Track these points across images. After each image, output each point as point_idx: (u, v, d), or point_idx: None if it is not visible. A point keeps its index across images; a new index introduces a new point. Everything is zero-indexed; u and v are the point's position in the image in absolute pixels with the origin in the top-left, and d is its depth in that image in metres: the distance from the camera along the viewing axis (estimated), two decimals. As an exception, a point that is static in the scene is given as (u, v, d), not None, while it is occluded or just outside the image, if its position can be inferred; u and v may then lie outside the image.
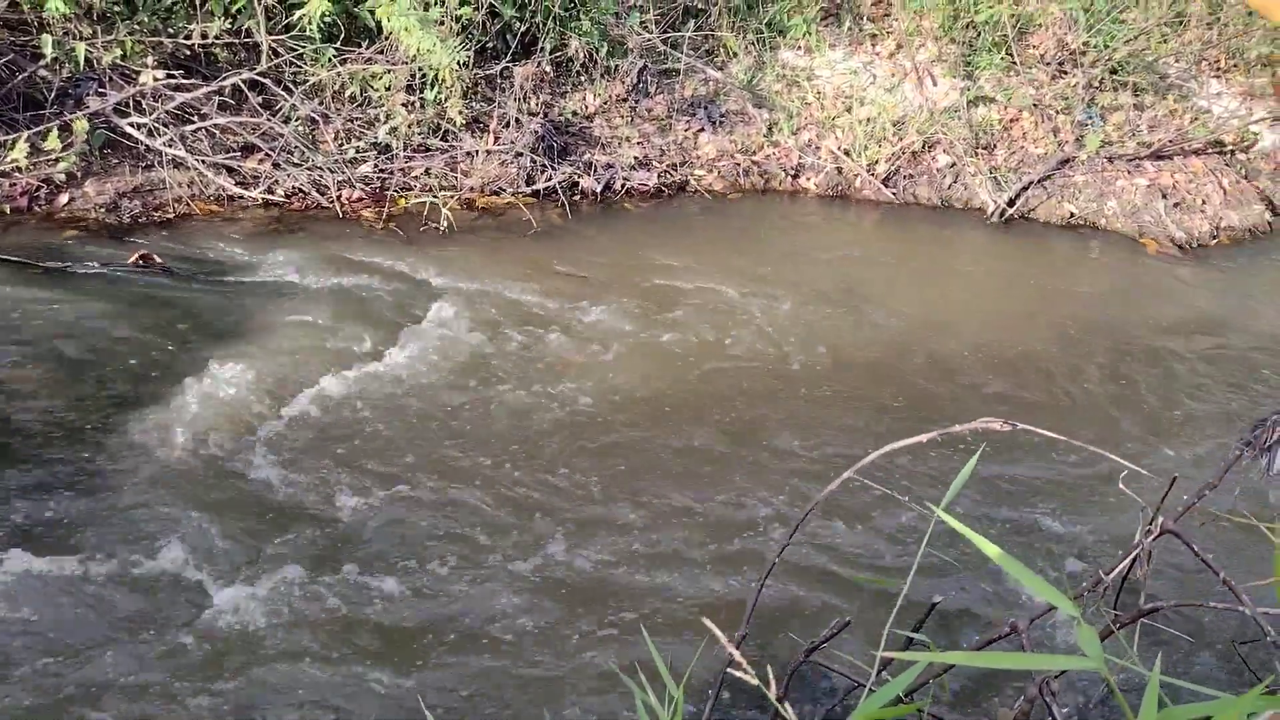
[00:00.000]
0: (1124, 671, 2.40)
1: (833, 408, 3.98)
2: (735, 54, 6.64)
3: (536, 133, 5.79)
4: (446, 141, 5.72)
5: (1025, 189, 6.26)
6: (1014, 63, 6.64)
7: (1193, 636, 2.70)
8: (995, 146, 6.49)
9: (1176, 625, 2.68)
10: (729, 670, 1.28)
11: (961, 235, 5.98)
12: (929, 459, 3.51)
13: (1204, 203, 6.42)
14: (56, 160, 4.82)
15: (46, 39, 4.76)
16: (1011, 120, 6.58)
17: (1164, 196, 6.37)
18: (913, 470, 3.51)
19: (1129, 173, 6.49)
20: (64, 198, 4.96)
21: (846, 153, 6.38)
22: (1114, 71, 6.77)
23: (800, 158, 6.40)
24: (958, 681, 2.63)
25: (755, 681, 1.17)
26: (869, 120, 6.40)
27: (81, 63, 4.93)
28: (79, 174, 5.02)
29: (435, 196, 5.35)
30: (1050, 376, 4.38)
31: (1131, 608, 1.75)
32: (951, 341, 4.59)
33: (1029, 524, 3.29)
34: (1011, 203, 6.19)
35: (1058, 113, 6.61)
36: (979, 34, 6.66)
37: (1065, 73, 6.71)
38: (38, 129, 4.81)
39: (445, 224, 5.24)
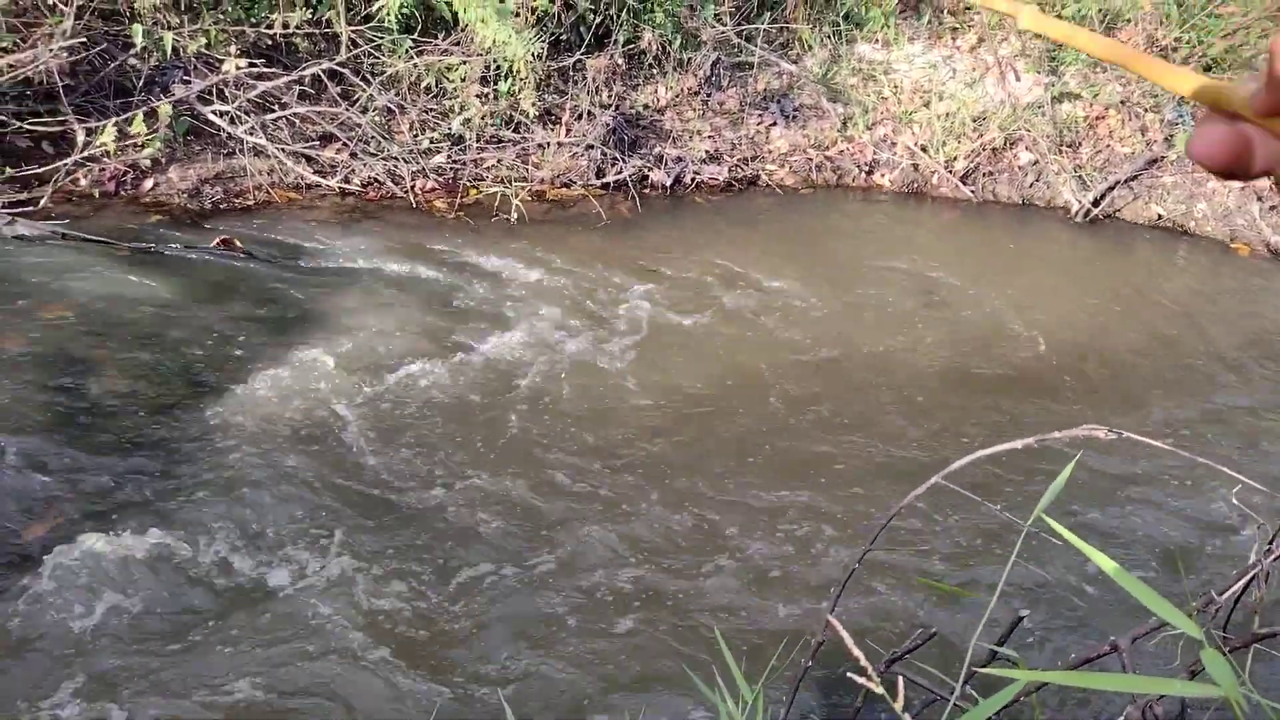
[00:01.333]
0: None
1: (914, 411, 3.87)
2: (810, 47, 6.53)
3: (608, 125, 5.77)
4: (518, 133, 5.74)
5: (1111, 189, 6.03)
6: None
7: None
8: (1080, 144, 6.27)
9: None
10: (851, 675, 1.23)
11: (1043, 235, 5.79)
12: (1016, 466, 3.39)
13: (1303, 206, 6.12)
14: (142, 146, 4.95)
15: (137, 28, 4.89)
16: (1097, 118, 6.35)
17: (1259, 199, 6.08)
18: (999, 478, 3.40)
19: (1222, 174, 6.20)
20: (149, 183, 5.09)
21: (923, 149, 6.22)
22: (1208, 68, 6.48)
23: (875, 153, 6.26)
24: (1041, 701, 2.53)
25: (880, 690, 1.12)
26: (948, 115, 6.24)
27: (169, 51, 5.05)
28: (163, 160, 5.15)
29: (507, 188, 5.37)
30: (1139, 385, 4.20)
31: (1243, 630, 1.65)
32: (1036, 345, 4.44)
33: (1126, 538, 3.15)
34: (1096, 203, 5.98)
35: (1146, 110, 6.36)
36: (1065, 28, 6.43)
37: (1156, 69, 6.44)
38: (126, 115, 4.95)
39: (515, 215, 5.25)
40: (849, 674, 1.20)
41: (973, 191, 6.13)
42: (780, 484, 3.36)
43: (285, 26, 5.27)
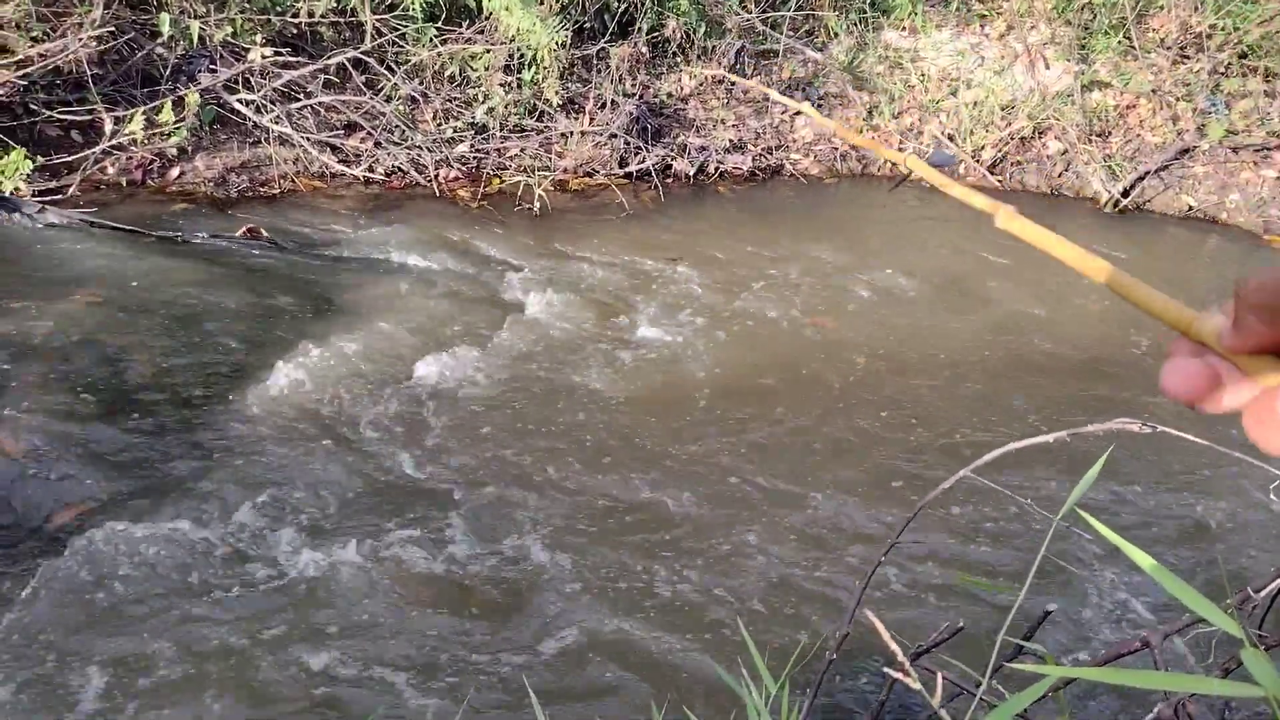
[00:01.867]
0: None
1: (940, 404, 3.84)
2: (836, 34, 6.47)
3: (631, 114, 5.75)
4: (542, 122, 5.73)
5: (1141, 179, 5.95)
6: (1132, 46, 6.30)
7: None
8: (1110, 134, 6.18)
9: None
10: (887, 670, 1.21)
11: (1072, 226, 5.71)
12: (1047, 459, 3.36)
13: (1339, 197, 6.00)
14: (169, 134, 4.98)
15: (164, 17, 4.92)
16: (1128, 107, 6.26)
17: (1294, 189, 5.97)
18: (1030, 470, 3.36)
19: (1255, 164, 6.10)
20: (175, 171, 5.13)
21: (950, 137, 6.15)
22: (1243, 56, 6.36)
23: (901, 142, 6.20)
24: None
25: (917, 685, 1.10)
26: (976, 104, 6.17)
27: (195, 40, 5.08)
28: (190, 149, 5.18)
29: (530, 177, 5.36)
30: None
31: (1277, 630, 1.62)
32: (1067, 336, 4.39)
33: (1158, 533, 3.11)
34: (1126, 193, 5.89)
35: (1178, 100, 6.25)
36: (1095, 16, 6.34)
37: (1188, 57, 6.34)
38: (153, 104, 4.98)
39: (538, 205, 5.24)
40: (884, 669, 1.19)
41: (1000, 181, 6.06)
42: (809, 474, 3.34)
43: (310, 15, 5.28)
